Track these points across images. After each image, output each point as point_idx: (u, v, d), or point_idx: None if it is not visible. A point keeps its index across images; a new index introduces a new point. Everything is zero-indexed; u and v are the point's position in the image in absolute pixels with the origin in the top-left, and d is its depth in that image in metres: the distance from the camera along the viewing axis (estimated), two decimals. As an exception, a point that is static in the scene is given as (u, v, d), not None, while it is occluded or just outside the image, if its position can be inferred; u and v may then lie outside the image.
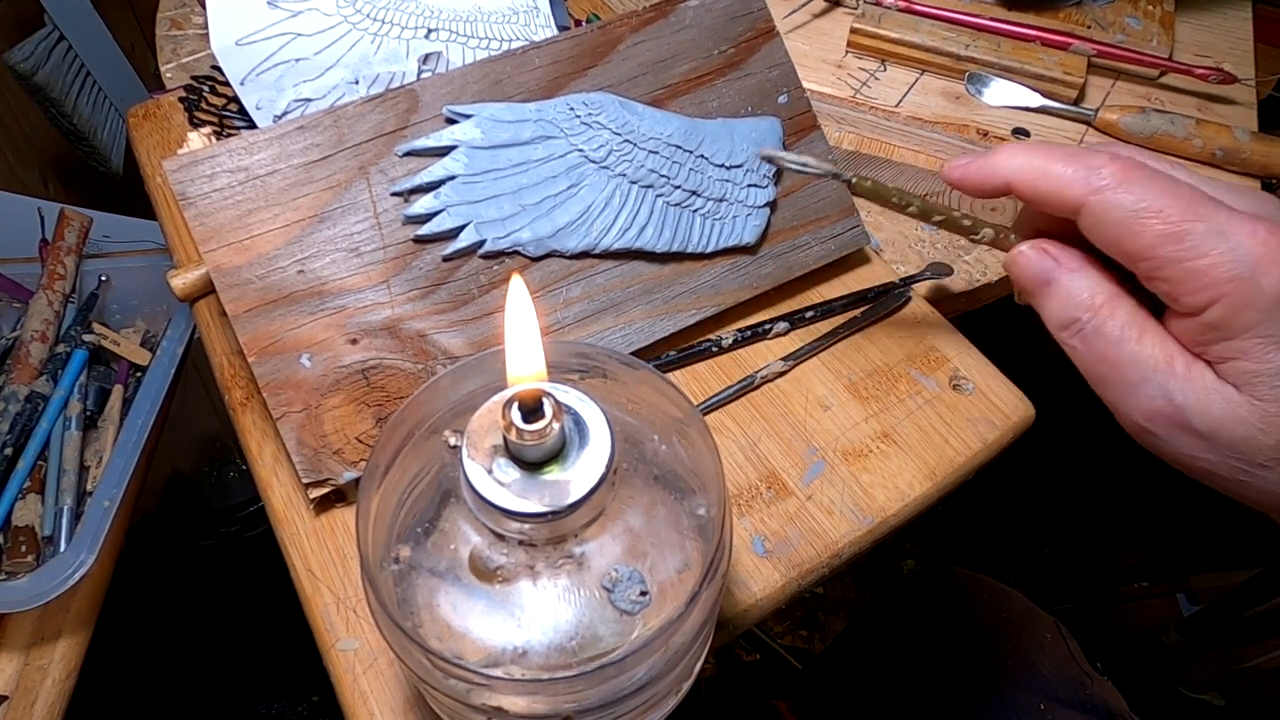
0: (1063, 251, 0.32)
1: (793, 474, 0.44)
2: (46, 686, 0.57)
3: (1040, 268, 0.32)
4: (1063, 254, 0.32)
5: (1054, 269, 0.32)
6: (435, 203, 0.42)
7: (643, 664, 0.26)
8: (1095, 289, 0.31)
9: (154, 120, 0.58)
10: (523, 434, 0.25)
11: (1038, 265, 0.32)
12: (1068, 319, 0.31)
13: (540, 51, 0.46)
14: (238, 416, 0.45)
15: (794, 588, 0.41)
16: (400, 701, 0.36)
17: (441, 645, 0.27)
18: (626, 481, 0.29)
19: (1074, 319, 0.31)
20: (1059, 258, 0.32)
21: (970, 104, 0.60)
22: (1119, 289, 0.31)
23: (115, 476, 0.60)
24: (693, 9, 0.48)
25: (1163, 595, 1.23)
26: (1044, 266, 0.32)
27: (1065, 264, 0.32)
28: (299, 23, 0.49)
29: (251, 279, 0.40)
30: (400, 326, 0.42)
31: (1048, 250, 0.32)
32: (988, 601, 0.60)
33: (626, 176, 0.45)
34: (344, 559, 0.40)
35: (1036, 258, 0.32)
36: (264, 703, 0.96)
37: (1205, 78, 0.60)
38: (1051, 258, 0.32)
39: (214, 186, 0.40)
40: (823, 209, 0.50)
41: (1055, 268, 0.32)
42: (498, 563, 0.27)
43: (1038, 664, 0.56)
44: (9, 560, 0.58)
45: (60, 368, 0.67)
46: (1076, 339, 0.31)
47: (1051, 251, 0.32)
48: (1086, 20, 0.65)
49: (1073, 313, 0.31)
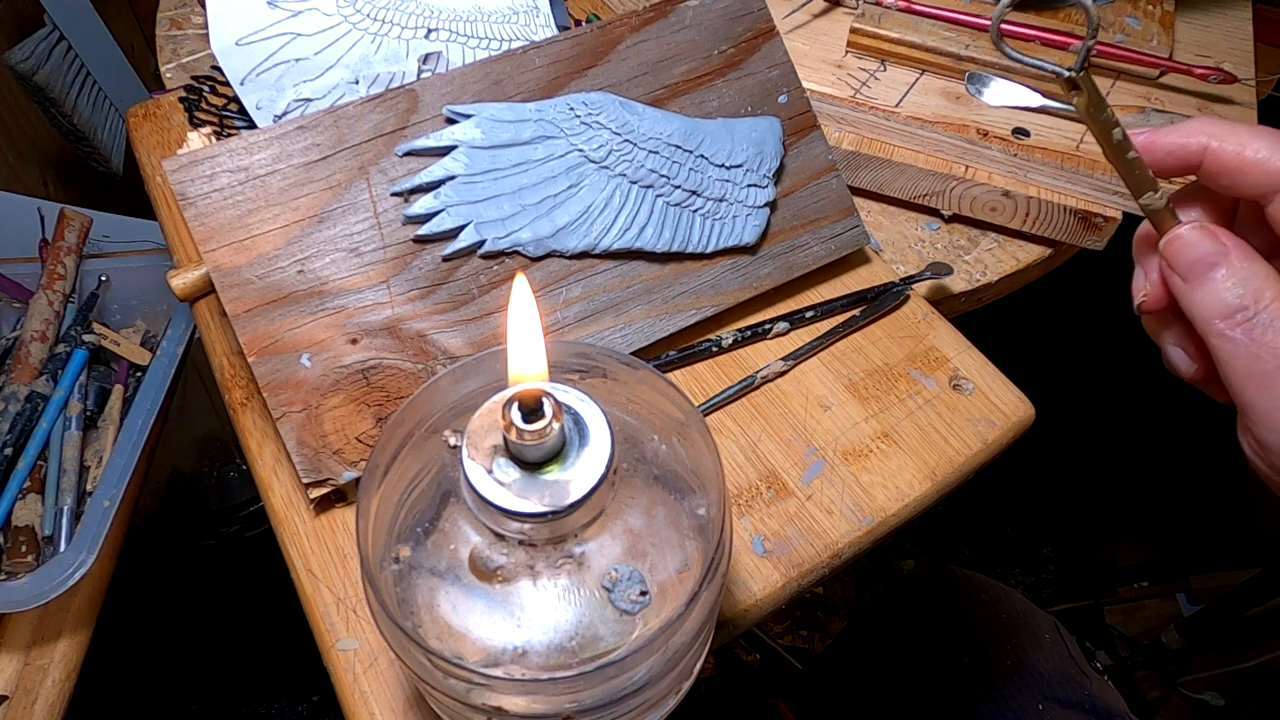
0: (1231, 237, 0.30)
1: (793, 474, 0.44)
2: (46, 686, 0.57)
3: (1207, 248, 0.30)
4: (1231, 239, 0.30)
5: (1222, 253, 0.29)
6: (435, 203, 0.42)
7: (643, 664, 0.26)
8: (1270, 277, 0.29)
9: (154, 120, 0.58)
10: (523, 434, 0.25)
11: (1205, 246, 0.30)
12: (1233, 306, 0.29)
13: (540, 51, 0.46)
14: (238, 416, 0.45)
15: (794, 588, 0.41)
16: (400, 701, 0.36)
17: (441, 645, 0.27)
18: (626, 481, 0.29)
19: (1241, 307, 0.29)
20: (1228, 242, 0.30)
21: (970, 104, 0.60)
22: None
23: (115, 476, 0.60)
24: (693, 9, 0.48)
25: (1163, 595, 1.24)
26: (1212, 248, 0.30)
27: (1236, 249, 0.30)
28: (299, 23, 0.49)
29: (251, 279, 0.40)
30: (400, 326, 0.42)
31: (1215, 233, 0.30)
32: (987, 601, 0.60)
33: (626, 176, 0.45)
34: (344, 559, 0.40)
35: (1203, 237, 0.30)
36: (264, 703, 0.96)
37: (1205, 78, 0.60)
38: (1220, 241, 0.30)
39: (214, 186, 0.40)
40: (822, 209, 0.50)
41: (1223, 251, 0.29)
42: (498, 563, 0.27)
43: (1037, 664, 0.56)
44: (9, 560, 0.58)
45: (60, 368, 0.67)
46: (1239, 330, 0.29)
47: (1220, 235, 0.30)
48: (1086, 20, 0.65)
49: (1240, 300, 0.29)
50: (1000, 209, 0.60)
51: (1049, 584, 1.25)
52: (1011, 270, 0.60)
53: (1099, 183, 0.57)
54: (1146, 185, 0.32)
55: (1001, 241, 0.61)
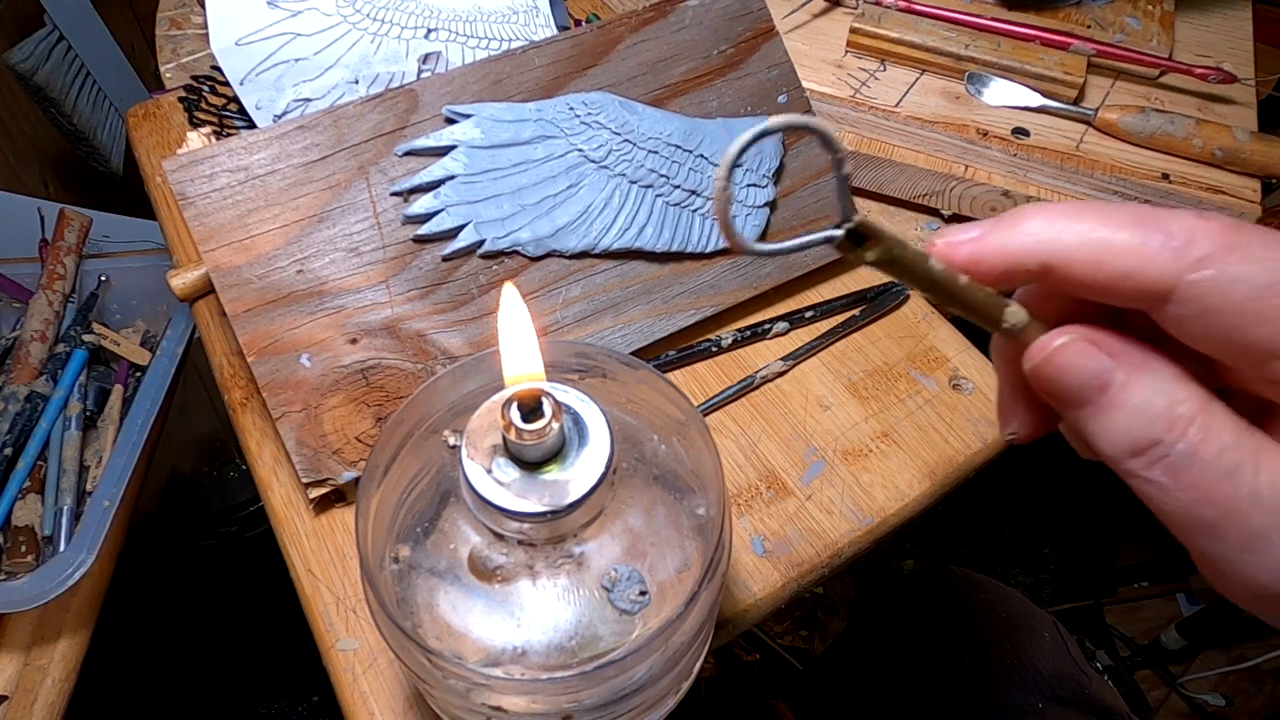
0: (1120, 342, 0.22)
1: (793, 474, 0.44)
2: (46, 686, 0.57)
3: (1091, 368, 0.22)
4: (1121, 346, 0.22)
5: (1111, 370, 0.21)
6: (435, 202, 0.42)
7: (642, 664, 0.26)
8: (1177, 393, 0.21)
9: (154, 120, 0.58)
10: (522, 434, 0.25)
11: (1088, 365, 0.22)
12: (1142, 441, 0.21)
13: (540, 51, 0.46)
14: (238, 416, 0.45)
15: (794, 588, 0.41)
16: (400, 701, 0.36)
17: (441, 645, 0.27)
18: (626, 481, 0.29)
19: (1152, 441, 0.21)
20: (1117, 351, 0.21)
21: (970, 104, 0.60)
22: (1209, 392, 0.21)
23: (115, 476, 0.60)
24: (692, 9, 0.48)
25: (1163, 595, 1.23)
26: (1097, 366, 0.22)
27: (1128, 360, 0.21)
28: (299, 23, 0.49)
29: (251, 279, 0.40)
30: (400, 326, 0.42)
31: (1098, 342, 0.22)
32: (986, 601, 0.60)
33: (626, 176, 0.45)
34: (344, 559, 0.40)
35: (1083, 353, 0.22)
36: (264, 703, 0.96)
37: (1205, 78, 0.60)
38: (1106, 352, 0.22)
39: (214, 186, 0.40)
40: (822, 209, 0.50)
41: (1113, 368, 0.21)
42: (497, 563, 0.27)
43: (1036, 663, 0.56)
44: (9, 560, 0.58)
45: (60, 368, 0.67)
46: (1157, 471, 0.21)
47: (1104, 343, 0.22)
48: (1086, 20, 0.65)
49: (1149, 432, 0.21)
50: (1000, 209, 0.60)
51: (1049, 584, 1.25)
52: (1011, 270, 0.60)
53: (1099, 183, 0.57)
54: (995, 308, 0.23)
55: (1001, 241, 0.61)
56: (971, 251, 0.22)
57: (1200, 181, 0.56)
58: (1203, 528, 0.21)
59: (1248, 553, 0.20)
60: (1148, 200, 0.57)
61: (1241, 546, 0.21)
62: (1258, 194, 0.56)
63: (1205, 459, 0.20)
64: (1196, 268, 0.19)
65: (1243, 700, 1.13)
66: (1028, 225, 0.21)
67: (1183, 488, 0.21)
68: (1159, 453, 0.21)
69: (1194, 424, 0.21)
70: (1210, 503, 0.20)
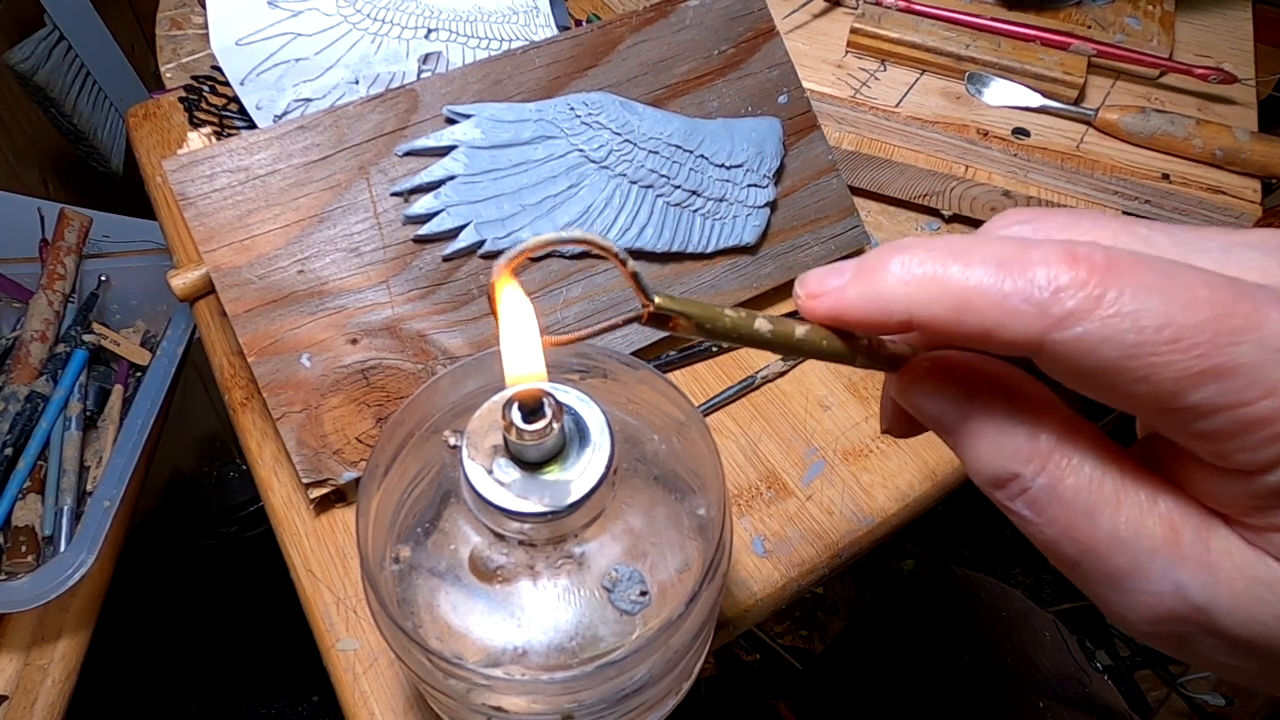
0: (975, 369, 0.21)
1: (793, 474, 0.44)
2: (46, 686, 0.57)
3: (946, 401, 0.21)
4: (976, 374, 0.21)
5: (964, 402, 0.20)
6: (435, 203, 0.42)
7: (643, 664, 0.26)
8: (1035, 425, 0.20)
9: (154, 120, 0.58)
10: (523, 434, 0.25)
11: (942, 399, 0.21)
12: (1002, 474, 0.20)
13: (540, 51, 0.46)
14: (238, 416, 0.45)
15: (794, 588, 0.41)
16: (400, 701, 0.36)
17: (441, 645, 0.27)
18: (626, 481, 0.29)
19: (1011, 474, 0.20)
20: (976, 381, 0.20)
21: (970, 104, 0.60)
22: (1072, 418, 0.20)
23: (115, 476, 0.60)
24: (693, 9, 0.48)
25: (1163, 595, 1.23)
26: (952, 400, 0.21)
27: (988, 390, 0.20)
28: (299, 23, 0.49)
29: (251, 279, 0.40)
30: (400, 326, 0.42)
31: (954, 370, 0.21)
32: (987, 601, 0.60)
33: (626, 176, 0.45)
34: (344, 559, 0.40)
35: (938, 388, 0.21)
36: (264, 703, 0.96)
37: (1205, 78, 0.60)
38: (964, 382, 0.21)
39: (214, 186, 0.40)
40: (823, 209, 0.50)
41: (966, 400, 0.20)
42: (498, 563, 0.27)
43: (1037, 663, 0.56)
44: (9, 560, 0.58)
45: (60, 368, 0.67)
46: (1020, 503, 0.20)
47: (960, 372, 0.21)
48: (1086, 20, 0.65)
49: (1009, 466, 0.20)
50: (1000, 209, 0.60)
51: (1049, 584, 1.25)
52: (1011, 270, 0.60)
53: (1099, 183, 0.57)
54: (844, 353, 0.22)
55: (1001, 241, 0.61)
56: (832, 307, 0.20)
57: (1200, 182, 0.56)
58: (1064, 563, 0.20)
59: (1112, 592, 0.20)
60: (1148, 201, 0.57)
61: (1105, 585, 0.20)
62: (1258, 194, 0.56)
63: (1064, 496, 0.19)
64: (1062, 325, 0.17)
65: (1243, 700, 1.13)
66: (885, 275, 0.19)
67: (1045, 522, 0.20)
68: (1019, 486, 0.20)
69: (1052, 459, 0.20)
70: (1071, 540, 0.20)
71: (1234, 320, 0.17)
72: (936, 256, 0.19)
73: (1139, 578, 0.19)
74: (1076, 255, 0.18)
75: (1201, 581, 0.18)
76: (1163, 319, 0.17)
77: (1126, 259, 0.17)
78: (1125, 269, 0.17)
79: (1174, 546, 0.19)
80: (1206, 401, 0.17)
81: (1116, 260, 0.17)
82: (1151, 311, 0.17)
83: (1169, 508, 0.19)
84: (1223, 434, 0.17)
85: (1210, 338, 0.17)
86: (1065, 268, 0.17)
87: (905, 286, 0.19)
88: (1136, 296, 0.17)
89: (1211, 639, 0.19)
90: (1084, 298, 0.17)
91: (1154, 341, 0.17)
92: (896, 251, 0.19)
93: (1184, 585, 0.18)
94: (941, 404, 0.21)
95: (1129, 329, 0.17)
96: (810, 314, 0.21)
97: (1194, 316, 0.17)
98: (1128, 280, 0.17)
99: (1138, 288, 0.17)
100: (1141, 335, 0.17)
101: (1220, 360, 0.17)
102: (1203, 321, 0.17)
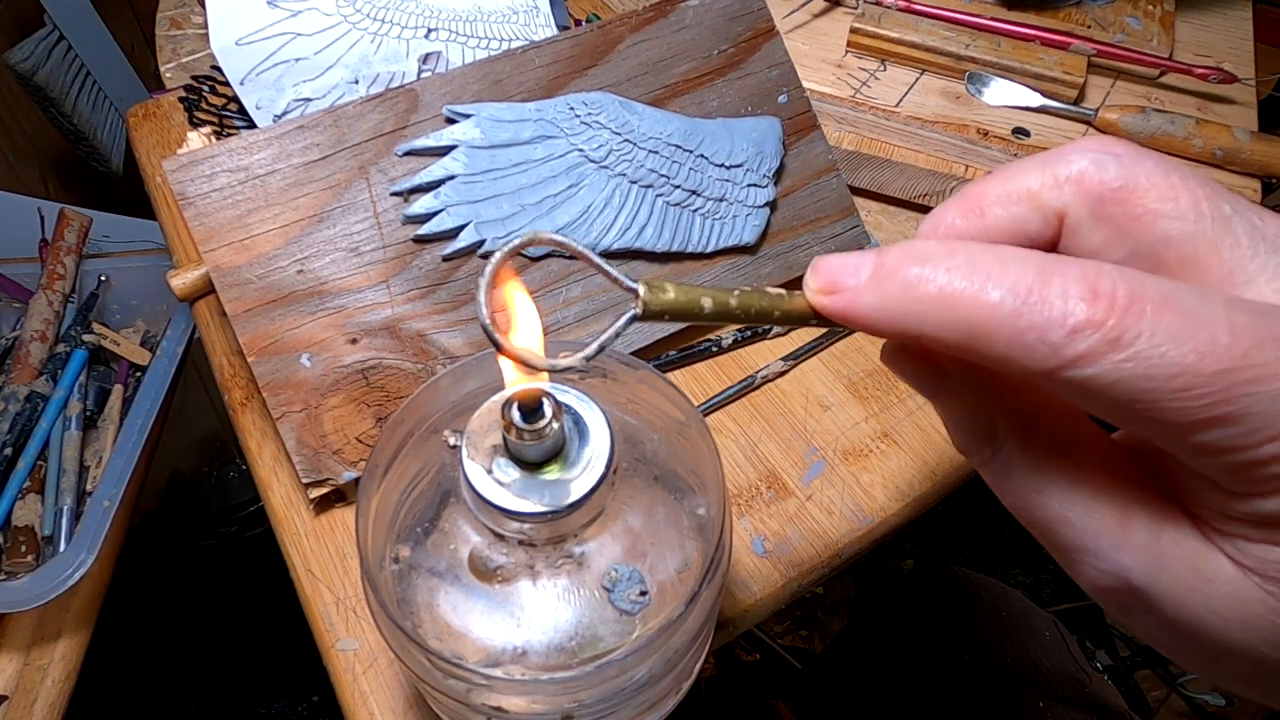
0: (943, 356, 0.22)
1: (793, 474, 0.44)
2: (46, 686, 0.57)
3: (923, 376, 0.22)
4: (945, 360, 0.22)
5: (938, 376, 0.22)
6: (435, 202, 0.42)
7: (643, 664, 0.26)
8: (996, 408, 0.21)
9: (154, 120, 0.58)
10: (522, 434, 0.25)
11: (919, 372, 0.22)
12: (968, 445, 0.22)
13: (540, 51, 0.46)
14: (238, 416, 0.45)
15: (794, 588, 0.41)
16: (400, 701, 0.36)
17: (441, 645, 0.27)
18: (626, 481, 0.29)
19: (973, 449, 0.22)
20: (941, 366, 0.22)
21: (970, 104, 0.60)
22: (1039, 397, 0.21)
23: (115, 476, 0.60)
24: (693, 9, 0.48)
25: (1163, 595, 1.23)
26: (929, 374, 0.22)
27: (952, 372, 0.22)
28: (299, 22, 0.49)
29: (251, 279, 0.40)
30: (400, 326, 0.42)
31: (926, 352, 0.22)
32: (987, 600, 0.60)
33: (626, 176, 0.45)
34: (344, 559, 0.40)
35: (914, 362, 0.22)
36: (264, 703, 0.96)
37: (1205, 78, 0.60)
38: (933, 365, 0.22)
39: (214, 186, 0.40)
40: (822, 209, 0.50)
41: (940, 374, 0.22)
42: (498, 563, 0.27)
43: (1037, 662, 0.56)
44: (9, 560, 0.58)
45: (60, 368, 0.67)
46: (985, 473, 0.22)
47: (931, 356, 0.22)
48: (1086, 20, 0.65)
49: (973, 441, 0.21)
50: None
51: (1049, 584, 1.25)
52: (1011, 270, 0.60)
53: (1099, 182, 0.57)
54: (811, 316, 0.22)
55: (1001, 241, 0.61)
56: (844, 309, 0.20)
57: (1200, 181, 0.56)
58: (1031, 529, 0.21)
59: (1063, 559, 0.21)
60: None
61: (1057, 554, 0.21)
62: (1258, 194, 0.56)
63: (1017, 474, 0.21)
64: (1075, 365, 0.17)
65: (1242, 700, 1.13)
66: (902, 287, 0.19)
67: (1003, 493, 0.21)
68: (980, 459, 0.21)
69: (1010, 440, 0.21)
70: (1026, 512, 0.21)
71: (1251, 371, 0.16)
72: (955, 273, 0.18)
73: (1086, 554, 0.20)
74: (1098, 291, 0.17)
75: (1144, 568, 0.19)
76: (1178, 367, 0.16)
77: (1151, 296, 0.17)
78: (1148, 308, 0.17)
79: (1122, 532, 0.19)
80: (1210, 443, 0.17)
81: (1140, 297, 0.17)
82: (1167, 359, 0.16)
83: (1127, 497, 0.20)
84: (1221, 469, 0.18)
85: (1224, 388, 0.16)
86: (1085, 304, 0.17)
87: (919, 305, 0.19)
88: (1154, 340, 0.16)
89: (1151, 617, 0.20)
90: (1099, 339, 0.17)
91: (1165, 389, 0.17)
92: (914, 262, 0.19)
93: (1127, 569, 0.19)
94: (918, 378, 0.22)
95: (1141, 375, 0.17)
96: (820, 308, 0.21)
97: (1210, 366, 0.16)
98: (1148, 322, 0.17)
99: (1155, 332, 0.17)
100: (1153, 383, 0.17)
101: (1230, 409, 0.16)
102: (1218, 373, 0.16)
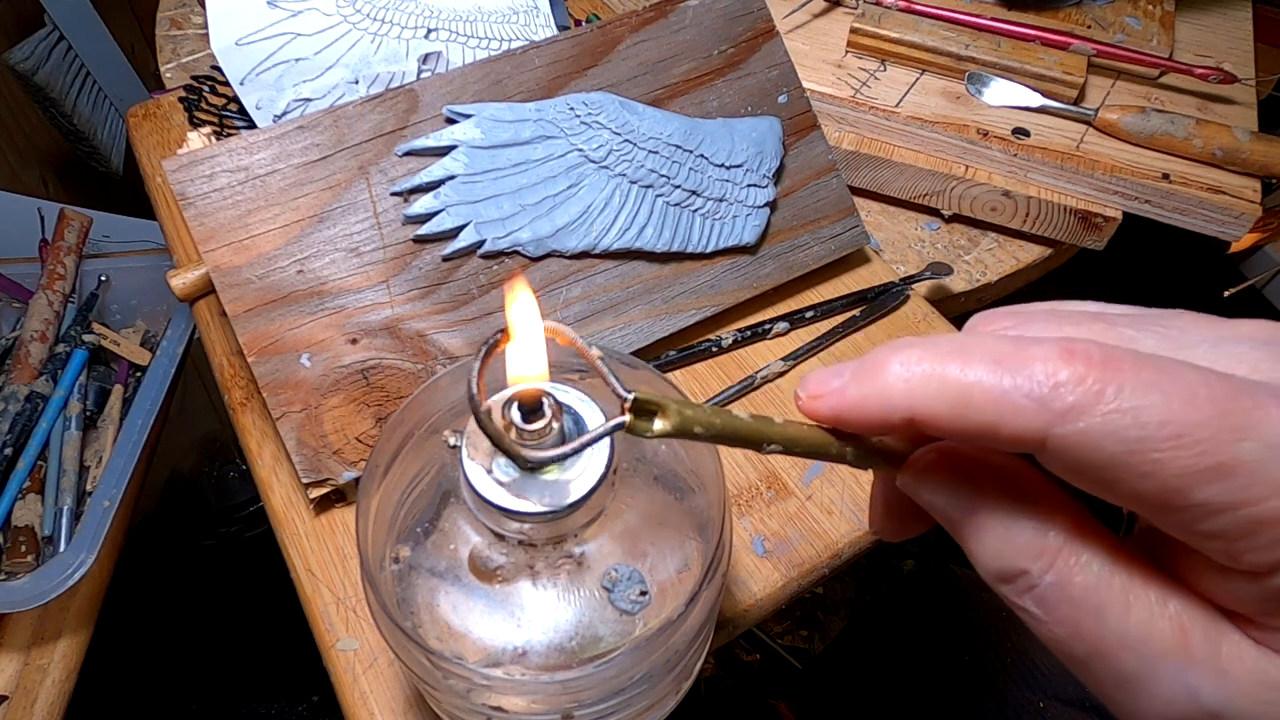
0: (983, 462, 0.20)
1: (793, 474, 0.44)
2: (46, 686, 0.57)
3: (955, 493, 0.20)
4: (984, 466, 0.20)
5: (972, 495, 0.20)
6: (435, 202, 0.42)
7: (643, 664, 0.26)
8: (1044, 521, 0.19)
9: (154, 120, 0.58)
10: (522, 434, 0.25)
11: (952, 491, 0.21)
12: (1009, 570, 0.20)
13: (540, 51, 0.46)
14: (238, 416, 0.45)
15: (794, 588, 0.41)
16: (400, 701, 0.36)
17: (441, 645, 0.27)
18: (626, 481, 0.29)
19: (1019, 570, 0.20)
20: (979, 474, 0.20)
21: (970, 104, 0.60)
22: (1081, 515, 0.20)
23: (115, 476, 0.60)
24: (693, 9, 0.48)
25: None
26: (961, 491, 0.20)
27: (990, 483, 0.20)
28: (299, 22, 0.49)
29: (251, 279, 0.40)
30: (400, 326, 0.42)
31: (962, 462, 0.21)
32: (987, 600, 0.60)
33: (626, 176, 0.45)
34: (344, 559, 0.40)
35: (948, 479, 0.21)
36: (264, 703, 0.96)
37: (1205, 78, 0.60)
38: (970, 473, 0.20)
39: (214, 186, 0.40)
40: (822, 209, 0.50)
41: (974, 493, 0.20)
42: (497, 563, 0.27)
43: (1037, 662, 0.56)
44: (9, 560, 0.58)
45: (60, 368, 0.67)
46: (1028, 600, 0.20)
47: (968, 464, 0.20)
48: (1086, 20, 0.65)
49: (1016, 561, 0.20)
50: (1000, 209, 0.60)
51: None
52: (1011, 270, 0.60)
53: (1099, 182, 0.57)
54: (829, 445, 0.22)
55: (1001, 241, 0.61)
56: (834, 406, 0.20)
57: (1200, 181, 0.56)
58: (1076, 662, 0.20)
59: (1122, 694, 0.19)
60: (1148, 201, 0.57)
61: (1115, 687, 0.19)
62: (1258, 194, 0.56)
63: (1072, 595, 0.19)
64: (1064, 420, 0.17)
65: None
66: (886, 374, 0.19)
67: (1054, 621, 0.19)
68: (1027, 583, 0.20)
69: (1060, 556, 0.19)
70: (1080, 639, 0.19)
71: (1235, 418, 0.17)
72: (935, 355, 0.19)
73: (1150, 681, 0.19)
74: (1074, 351, 0.18)
75: (1215, 686, 0.18)
76: (1164, 415, 0.17)
77: (1124, 355, 0.17)
78: (1123, 365, 0.17)
79: (1185, 650, 0.18)
80: (1212, 500, 0.17)
81: (1113, 356, 0.17)
82: (1153, 408, 0.17)
83: (1178, 609, 0.19)
84: (1230, 533, 0.17)
85: (1212, 435, 0.17)
86: (1063, 364, 0.17)
87: (906, 384, 0.19)
88: (1136, 392, 0.17)
89: None
90: (1083, 393, 0.17)
91: (1156, 438, 0.17)
92: (895, 352, 0.19)
93: (1197, 690, 0.18)
94: (948, 496, 0.21)
95: (1130, 424, 0.17)
96: (812, 414, 0.21)
97: (1195, 414, 0.17)
98: (1126, 376, 0.17)
99: (1136, 384, 0.17)
100: (1144, 431, 0.17)
101: (1224, 458, 0.17)
102: (1204, 419, 0.17)
